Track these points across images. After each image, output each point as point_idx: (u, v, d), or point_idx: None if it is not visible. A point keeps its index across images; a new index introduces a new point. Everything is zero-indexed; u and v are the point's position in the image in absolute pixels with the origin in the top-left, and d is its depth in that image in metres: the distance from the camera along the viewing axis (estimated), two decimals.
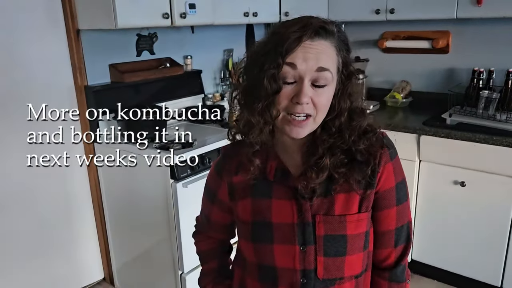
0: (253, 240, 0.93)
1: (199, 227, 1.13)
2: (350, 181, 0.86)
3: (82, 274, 2.58)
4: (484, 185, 2.22)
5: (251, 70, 0.86)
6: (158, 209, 2.12)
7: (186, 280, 2.14)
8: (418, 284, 2.55)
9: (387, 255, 0.95)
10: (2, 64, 2.06)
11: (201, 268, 1.13)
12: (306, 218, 0.87)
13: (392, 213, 0.92)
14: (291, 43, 0.79)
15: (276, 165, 0.90)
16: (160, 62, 2.61)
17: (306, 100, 0.80)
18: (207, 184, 1.04)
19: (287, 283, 0.90)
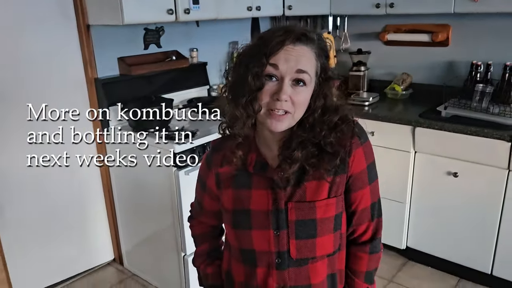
0: (234, 226, 1.03)
1: (193, 213, 1.24)
2: (320, 170, 0.96)
3: (94, 255, 2.76)
4: (475, 176, 2.30)
5: (238, 69, 0.95)
6: (163, 195, 2.25)
7: (188, 262, 2.28)
8: (412, 270, 2.65)
9: (365, 229, 1.06)
10: (18, 57, 2.20)
11: (195, 250, 1.25)
12: (279, 206, 0.98)
13: (366, 191, 1.03)
14: (274, 46, 0.89)
15: (256, 157, 1.00)
16: (167, 55, 2.72)
17: (285, 97, 0.89)
18: (199, 174, 1.15)
19: (265, 263, 1.01)
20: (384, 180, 2.53)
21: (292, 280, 1.00)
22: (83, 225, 2.67)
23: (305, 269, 1.00)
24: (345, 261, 1.08)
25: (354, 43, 3.18)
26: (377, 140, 2.57)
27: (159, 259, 2.50)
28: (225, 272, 1.14)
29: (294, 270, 1.00)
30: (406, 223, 2.63)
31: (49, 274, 2.57)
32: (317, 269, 1.01)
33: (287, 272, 1.00)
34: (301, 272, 1.00)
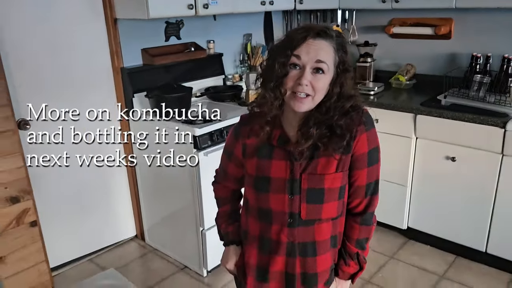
0: (255, 189, 1.23)
1: (218, 178, 1.43)
2: (329, 149, 1.14)
3: (118, 231, 3.00)
4: (472, 160, 2.47)
5: (269, 60, 1.15)
6: (183, 175, 2.47)
7: (206, 235, 2.50)
8: (412, 248, 2.85)
9: (358, 203, 1.24)
10: (52, 48, 2.43)
11: (218, 211, 1.44)
12: (295, 176, 1.17)
13: (363, 173, 1.19)
14: (298, 40, 1.08)
15: (279, 133, 1.19)
16: (186, 46, 2.92)
17: (306, 82, 1.08)
18: (226, 145, 1.34)
19: (279, 222, 1.20)
20: (387, 164, 2.74)
21: (300, 236, 1.19)
22: (109, 204, 2.90)
23: (311, 228, 1.19)
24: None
25: (361, 35, 3.35)
26: (381, 126, 2.72)
27: (178, 235, 2.73)
28: (243, 229, 1.33)
29: (302, 229, 1.19)
30: (407, 205, 2.82)
31: (78, 247, 2.81)
32: (322, 229, 1.20)
33: (297, 230, 1.19)
34: (308, 230, 1.19)
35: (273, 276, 1.23)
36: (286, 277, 1.23)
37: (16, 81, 2.31)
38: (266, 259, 1.24)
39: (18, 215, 2.29)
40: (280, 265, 1.22)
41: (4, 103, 2.13)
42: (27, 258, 2.38)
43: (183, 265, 2.75)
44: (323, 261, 1.22)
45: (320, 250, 1.21)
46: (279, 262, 1.21)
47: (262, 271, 1.25)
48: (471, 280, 2.52)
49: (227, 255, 1.38)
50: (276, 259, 1.21)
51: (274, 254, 1.22)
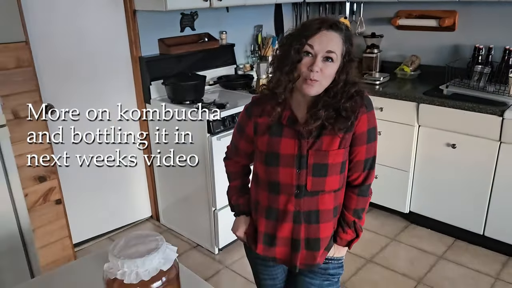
0: (266, 164, 1.37)
1: (229, 154, 1.55)
2: (335, 128, 1.28)
3: (134, 211, 3.18)
4: (471, 147, 2.60)
5: (284, 46, 1.29)
6: (197, 157, 2.62)
7: (218, 215, 2.67)
8: (413, 231, 2.99)
9: (357, 176, 1.37)
10: (74, 37, 2.59)
11: (229, 185, 1.58)
12: (302, 152, 1.31)
13: (362, 149, 1.33)
14: (312, 30, 1.22)
15: (289, 114, 1.33)
16: (200, 36, 3.07)
17: (317, 69, 1.22)
18: (238, 122, 1.47)
19: (286, 192, 1.34)
20: (391, 151, 2.91)
21: (306, 206, 1.34)
22: (127, 186, 3.08)
23: (315, 198, 1.34)
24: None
25: (368, 27, 3.46)
26: (385, 115, 2.89)
27: (191, 215, 2.90)
28: (253, 200, 1.47)
29: (307, 199, 1.34)
30: (409, 190, 2.96)
31: (98, 225, 3.00)
32: (324, 199, 1.35)
33: (303, 200, 1.34)
34: (313, 200, 1.34)
35: (280, 241, 1.39)
36: (292, 242, 1.38)
37: (43, 67, 2.47)
38: (274, 226, 1.38)
39: (44, 193, 2.48)
40: (286, 231, 1.37)
41: (32, 89, 2.30)
42: (53, 233, 2.57)
43: (195, 244, 2.93)
44: (325, 228, 1.37)
45: (322, 218, 1.36)
46: (286, 228, 1.36)
47: (271, 237, 1.40)
48: (468, 260, 2.66)
49: (238, 224, 1.52)
50: (283, 226, 1.36)
51: (281, 222, 1.36)
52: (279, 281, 1.54)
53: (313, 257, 1.38)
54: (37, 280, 1.47)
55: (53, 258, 2.61)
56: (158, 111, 2.76)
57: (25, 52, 2.23)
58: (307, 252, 1.38)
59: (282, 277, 1.54)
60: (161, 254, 0.86)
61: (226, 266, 2.71)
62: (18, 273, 2.04)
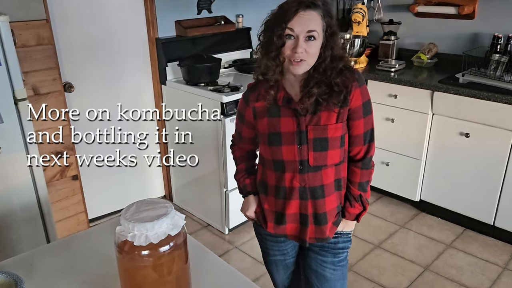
0: (269, 144, 1.41)
1: (234, 141, 1.62)
2: (329, 103, 1.32)
3: (148, 190, 3.25)
4: (484, 137, 2.58)
5: (266, 32, 1.32)
6: (210, 138, 2.67)
7: (229, 196, 2.72)
8: (423, 220, 3.00)
9: (358, 150, 1.41)
10: (94, 17, 2.64)
11: (236, 168, 1.63)
12: (301, 128, 1.35)
13: (360, 122, 1.36)
14: (291, 13, 1.25)
15: (283, 95, 1.37)
16: (216, 19, 3.09)
17: (301, 50, 1.25)
18: (238, 110, 1.51)
19: (291, 169, 1.39)
20: (404, 138, 2.92)
21: (310, 181, 1.38)
22: (141, 166, 3.13)
23: (319, 173, 1.38)
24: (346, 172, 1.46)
25: (386, 14, 3.43)
26: (399, 102, 2.89)
27: (203, 195, 2.96)
28: (260, 181, 1.51)
29: (311, 174, 1.38)
30: (421, 178, 2.96)
31: (112, 202, 3.08)
32: (327, 174, 1.39)
33: (307, 176, 1.38)
34: (316, 175, 1.38)
35: (289, 219, 1.43)
36: (300, 217, 1.42)
37: (63, 45, 2.53)
38: (282, 204, 1.43)
39: (62, 169, 2.56)
40: (294, 208, 1.41)
41: (52, 66, 2.37)
42: (69, 208, 2.66)
43: (206, 223, 2.99)
44: (330, 201, 1.41)
45: (327, 192, 1.40)
46: (294, 205, 1.41)
47: (280, 215, 1.45)
48: (477, 250, 2.66)
49: (247, 203, 1.56)
50: (291, 203, 1.41)
51: (289, 199, 1.41)
52: (289, 256, 1.58)
53: (322, 231, 1.42)
54: (53, 244, 1.54)
55: (68, 232, 2.70)
56: (173, 91, 2.81)
57: (46, 30, 2.29)
58: (315, 226, 1.42)
59: (293, 253, 1.58)
60: (170, 219, 0.91)
61: (236, 246, 2.77)
62: (36, 243, 2.12)
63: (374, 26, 3.50)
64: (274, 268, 1.62)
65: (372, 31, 3.50)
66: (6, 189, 1.97)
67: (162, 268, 0.93)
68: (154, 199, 0.98)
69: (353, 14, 3.27)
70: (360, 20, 3.26)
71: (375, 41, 3.49)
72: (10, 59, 1.83)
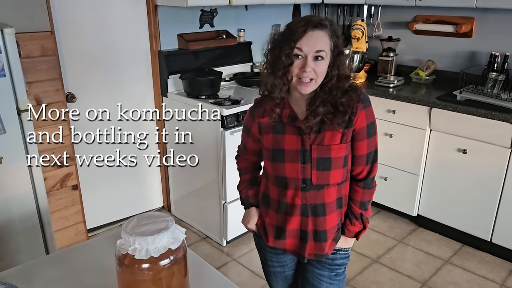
0: (272, 160, 1.43)
1: (240, 152, 1.64)
2: (334, 123, 1.34)
3: (147, 201, 3.26)
4: (482, 153, 2.61)
5: (274, 51, 1.33)
6: (210, 151, 2.69)
7: (227, 208, 2.73)
8: (421, 235, 3.01)
9: (361, 170, 1.42)
10: (97, 29, 2.68)
11: (240, 179, 1.65)
12: (305, 147, 1.36)
13: (364, 143, 1.38)
14: (299, 33, 1.27)
15: (289, 112, 1.39)
16: (218, 33, 3.13)
17: (309, 69, 1.28)
18: (244, 123, 1.53)
19: (293, 187, 1.40)
20: (402, 153, 2.94)
21: (312, 199, 1.40)
22: (141, 176, 3.16)
23: (321, 192, 1.39)
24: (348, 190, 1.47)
25: (385, 30, 3.48)
26: (398, 118, 2.92)
27: (202, 207, 2.97)
28: (263, 194, 1.53)
29: (313, 192, 1.39)
30: (418, 193, 2.98)
31: (111, 212, 3.09)
32: (330, 192, 1.40)
33: (309, 194, 1.39)
34: (318, 194, 1.39)
35: (290, 234, 1.45)
36: (300, 233, 1.44)
37: (66, 56, 2.56)
38: (283, 219, 1.44)
39: (62, 178, 2.57)
40: (295, 224, 1.42)
41: (55, 77, 2.40)
42: (68, 217, 2.67)
43: (205, 235, 3.00)
44: (331, 219, 1.42)
45: (328, 210, 1.41)
46: (294, 221, 1.42)
47: (280, 230, 1.46)
48: (474, 266, 2.67)
49: (248, 215, 1.57)
50: (291, 219, 1.42)
51: (290, 215, 1.42)
52: (288, 268, 1.59)
53: (321, 248, 1.43)
54: (52, 256, 1.55)
55: (67, 242, 2.70)
56: (174, 103, 2.83)
57: (50, 41, 2.32)
58: (315, 243, 1.43)
59: (292, 265, 1.59)
60: (171, 233, 0.92)
61: (234, 258, 2.77)
62: (35, 253, 2.13)
63: (374, 42, 3.55)
64: (273, 279, 1.64)
65: (371, 47, 3.54)
66: (6, 199, 1.98)
67: (161, 282, 0.94)
68: (155, 213, 0.99)
69: (352, 30, 3.32)
70: (359, 37, 3.31)
71: (375, 57, 3.53)
72: (14, 70, 1.86)
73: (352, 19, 3.64)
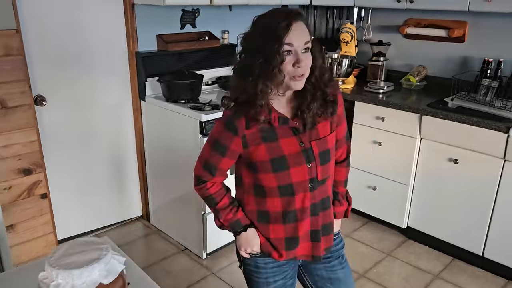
0: (274, 171, 1.28)
1: (204, 178, 1.37)
2: (327, 113, 1.30)
3: (125, 210, 3.11)
4: (474, 163, 2.48)
5: (257, 54, 1.17)
6: (188, 159, 2.54)
7: (207, 219, 2.58)
8: (410, 247, 2.87)
9: (343, 151, 1.46)
10: (70, 28, 2.53)
11: (216, 207, 1.37)
12: (306, 145, 1.28)
13: (343, 126, 1.42)
14: (284, 28, 1.14)
15: (277, 115, 1.27)
16: (200, 35, 2.99)
17: (303, 64, 1.18)
18: (216, 141, 1.30)
19: (301, 190, 1.30)
20: (391, 162, 2.81)
21: (319, 196, 1.34)
22: (118, 184, 3.01)
23: (324, 185, 1.36)
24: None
25: (376, 34, 3.36)
26: (387, 125, 2.79)
27: (181, 217, 2.82)
28: (257, 212, 1.36)
29: (319, 188, 1.33)
30: (408, 204, 2.85)
31: (85, 222, 2.93)
32: (330, 183, 1.40)
33: (316, 192, 1.33)
34: (323, 188, 1.35)
35: (302, 239, 1.37)
36: (311, 234, 1.37)
37: (36, 57, 2.41)
38: (293, 228, 1.35)
39: (29, 187, 2.40)
40: (306, 226, 1.35)
41: (21, 78, 2.23)
42: (36, 228, 2.50)
43: (184, 247, 2.84)
44: (332, 208, 1.45)
45: (331, 200, 1.43)
46: (305, 224, 1.35)
47: (291, 240, 1.36)
48: (465, 281, 2.53)
49: (247, 239, 1.38)
50: (302, 223, 1.34)
51: (300, 221, 1.34)
52: (289, 278, 1.48)
53: (330, 240, 1.43)
54: None
55: (36, 254, 2.53)
56: (152, 108, 2.69)
57: (15, 40, 2.16)
58: (324, 237, 1.40)
59: (292, 273, 1.49)
60: (104, 265, 0.77)
61: (213, 272, 2.62)
62: None
63: (363, 46, 3.43)
64: None
65: (361, 52, 3.42)
66: None
67: None
68: (91, 239, 0.85)
69: (341, 34, 3.20)
70: (348, 40, 3.19)
71: (364, 62, 3.41)
72: None
73: (342, 22, 3.52)
